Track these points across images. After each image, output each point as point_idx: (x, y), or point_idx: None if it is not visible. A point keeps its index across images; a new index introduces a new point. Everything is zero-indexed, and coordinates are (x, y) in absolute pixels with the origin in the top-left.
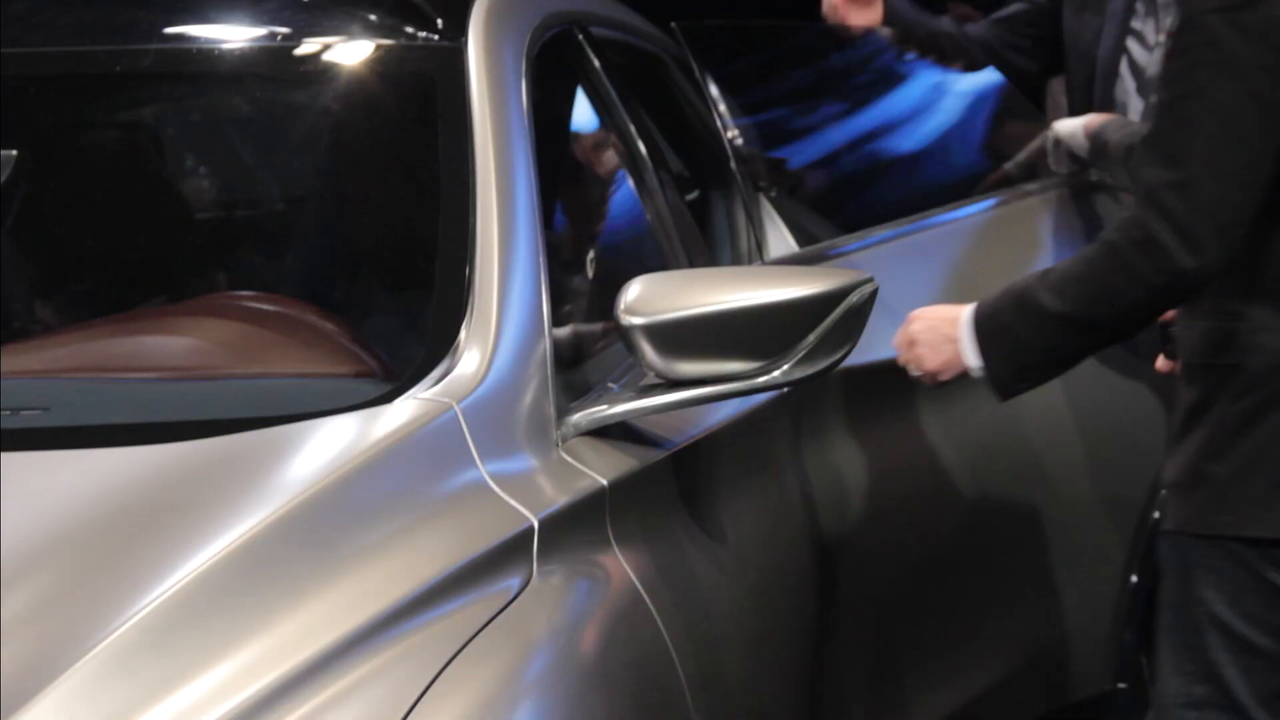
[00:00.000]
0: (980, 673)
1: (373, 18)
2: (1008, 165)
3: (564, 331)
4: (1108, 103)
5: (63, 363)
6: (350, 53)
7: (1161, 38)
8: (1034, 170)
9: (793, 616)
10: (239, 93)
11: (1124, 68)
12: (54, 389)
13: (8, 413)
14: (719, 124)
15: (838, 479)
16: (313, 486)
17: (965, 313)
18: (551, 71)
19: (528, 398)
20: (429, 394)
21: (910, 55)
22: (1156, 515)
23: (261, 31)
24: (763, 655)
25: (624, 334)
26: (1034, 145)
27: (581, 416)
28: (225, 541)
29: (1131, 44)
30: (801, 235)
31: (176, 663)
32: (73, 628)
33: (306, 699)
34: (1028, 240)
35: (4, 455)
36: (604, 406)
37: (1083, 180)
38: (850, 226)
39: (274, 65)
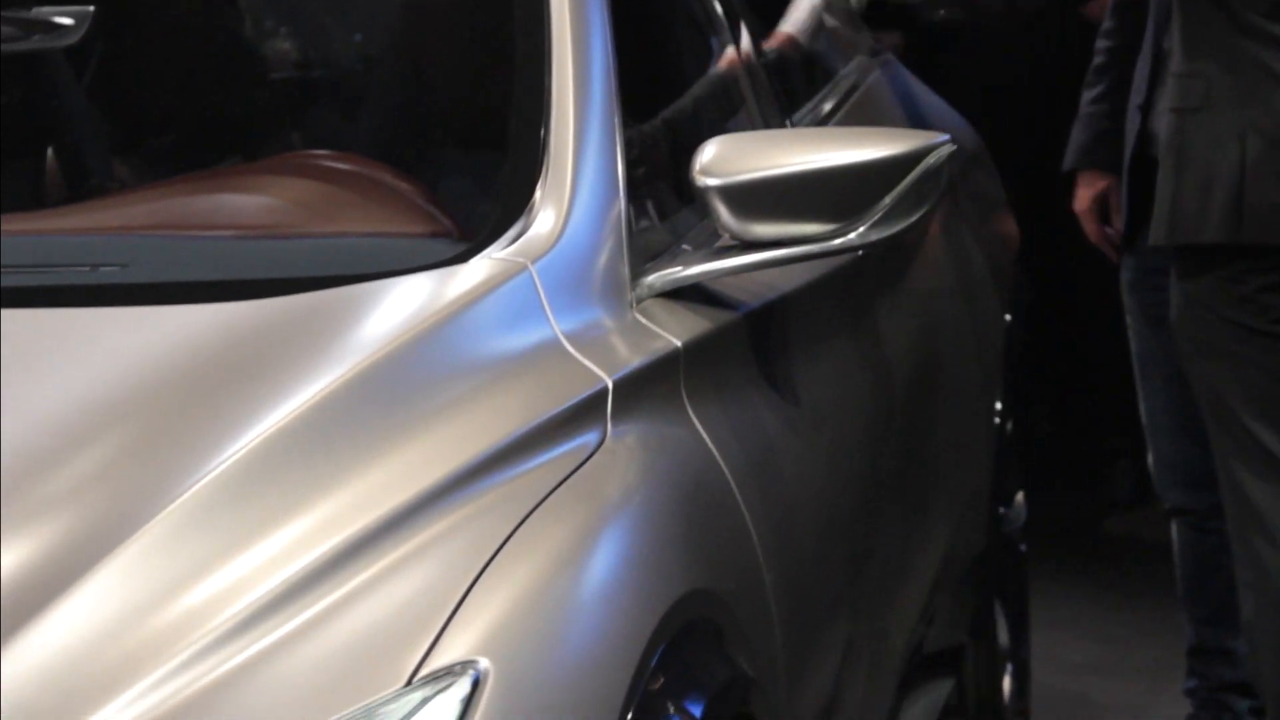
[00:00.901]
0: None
1: None
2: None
3: (639, 192)
4: None
5: (140, 220)
6: None
7: None
8: None
9: (863, 482)
10: None
11: None
12: (131, 245)
13: (86, 268)
14: None
15: (909, 345)
16: (387, 345)
17: None
18: None
19: (602, 258)
20: (504, 254)
21: None
22: None
23: None
24: (834, 520)
25: (699, 195)
26: None
27: (656, 278)
28: (301, 399)
29: None
30: None
31: (252, 519)
32: (148, 483)
33: (380, 556)
34: None
35: (82, 311)
36: (678, 268)
37: None
38: None
39: None
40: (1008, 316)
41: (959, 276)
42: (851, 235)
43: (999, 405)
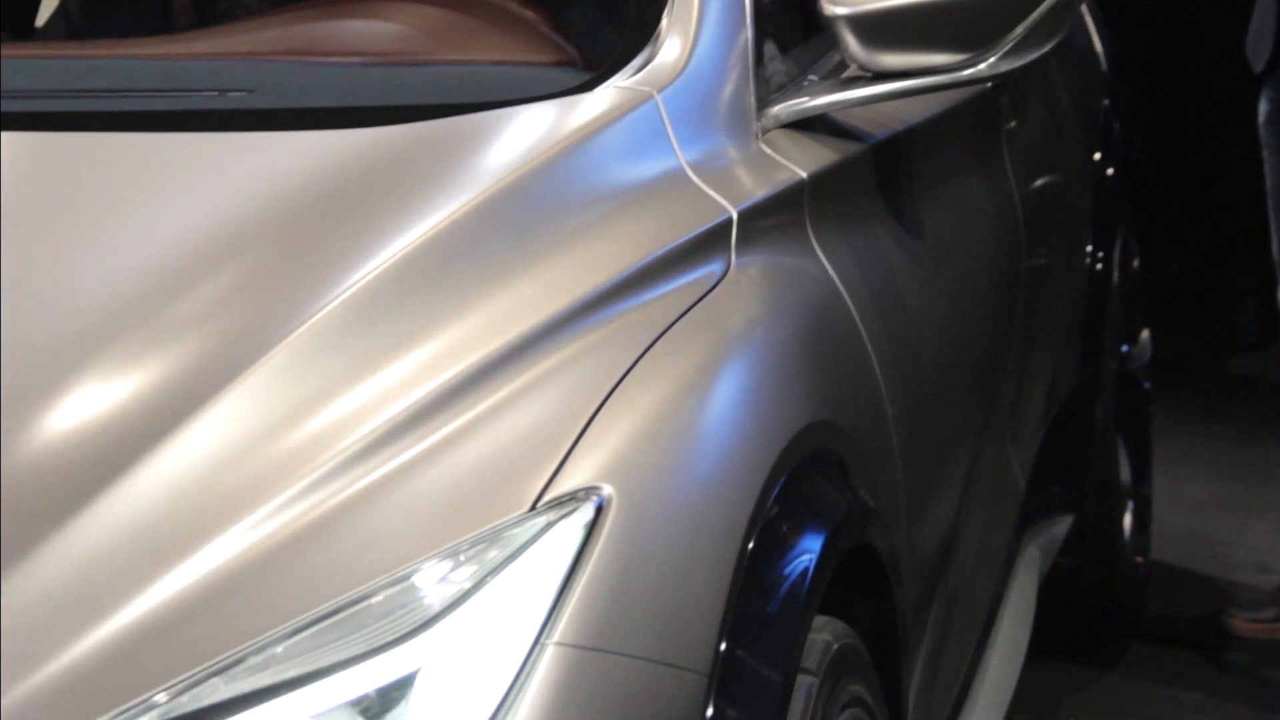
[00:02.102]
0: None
1: None
2: None
3: (765, 21)
4: None
5: (267, 45)
6: None
7: None
8: None
9: (985, 317)
10: None
11: None
12: (259, 71)
13: (214, 93)
14: None
15: (1031, 179)
16: (512, 173)
17: None
18: None
19: (728, 88)
20: (629, 82)
21: None
22: None
23: None
24: (956, 355)
25: (827, 24)
26: None
27: (782, 108)
28: (426, 226)
29: None
30: None
31: (379, 343)
32: (276, 307)
33: (505, 383)
34: None
35: (210, 135)
36: (805, 98)
37: None
38: None
39: None
40: (1129, 153)
41: (1077, 111)
42: (981, 66)
43: (1122, 242)
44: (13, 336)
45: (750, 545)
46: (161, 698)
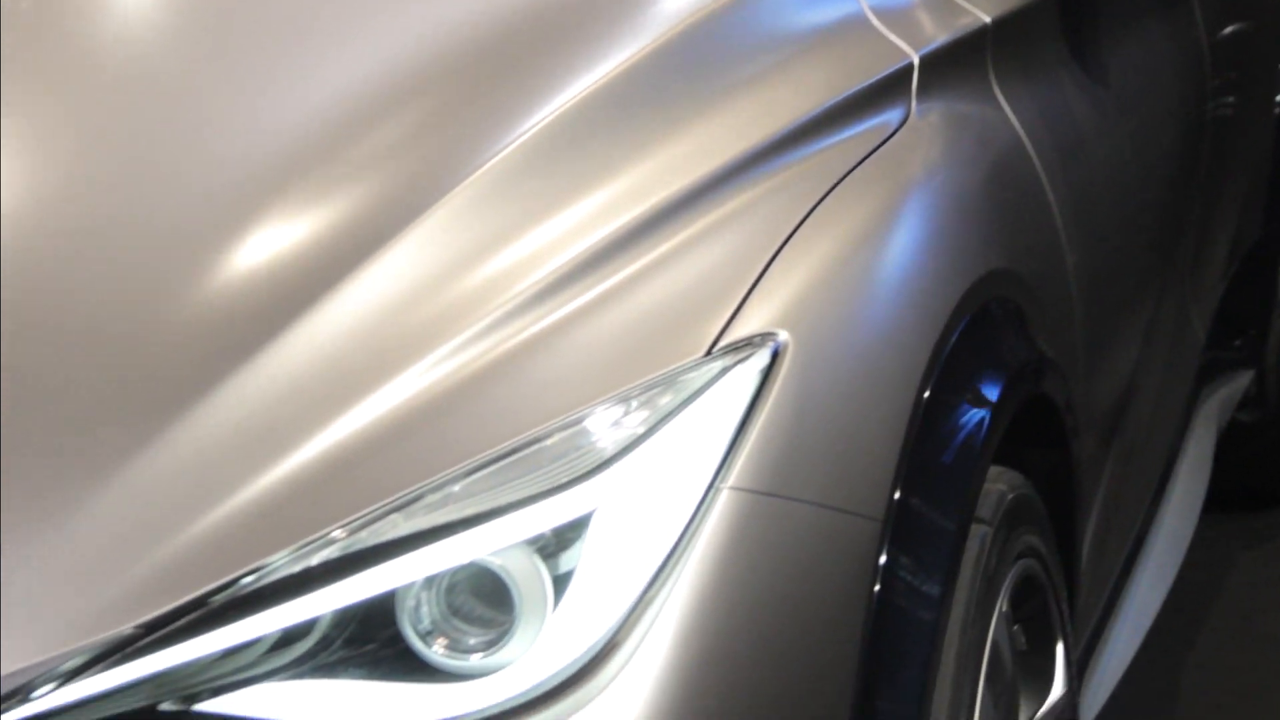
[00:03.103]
0: None
1: None
2: None
3: None
4: None
5: None
6: None
7: None
8: None
9: (1166, 168)
10: None
11: None
12: None
13: None
14: None
15: (1214, 31)
16: (691, 16)
17: None
18: None
19: None
20: None
21: None
22: None
23: None
24: (1137, 205)
25: None
26: None
27: None
28: (605, 69)
29: None
30: None
31: (557, 186)
32: (455, 149)
33: (682, 227)
34: None
35: None
36: None
37: None
38: None
39: None
40: None
41: None
42: None
43: None
44: (200, 173)
45: (926, 394)
46: (339, 534)
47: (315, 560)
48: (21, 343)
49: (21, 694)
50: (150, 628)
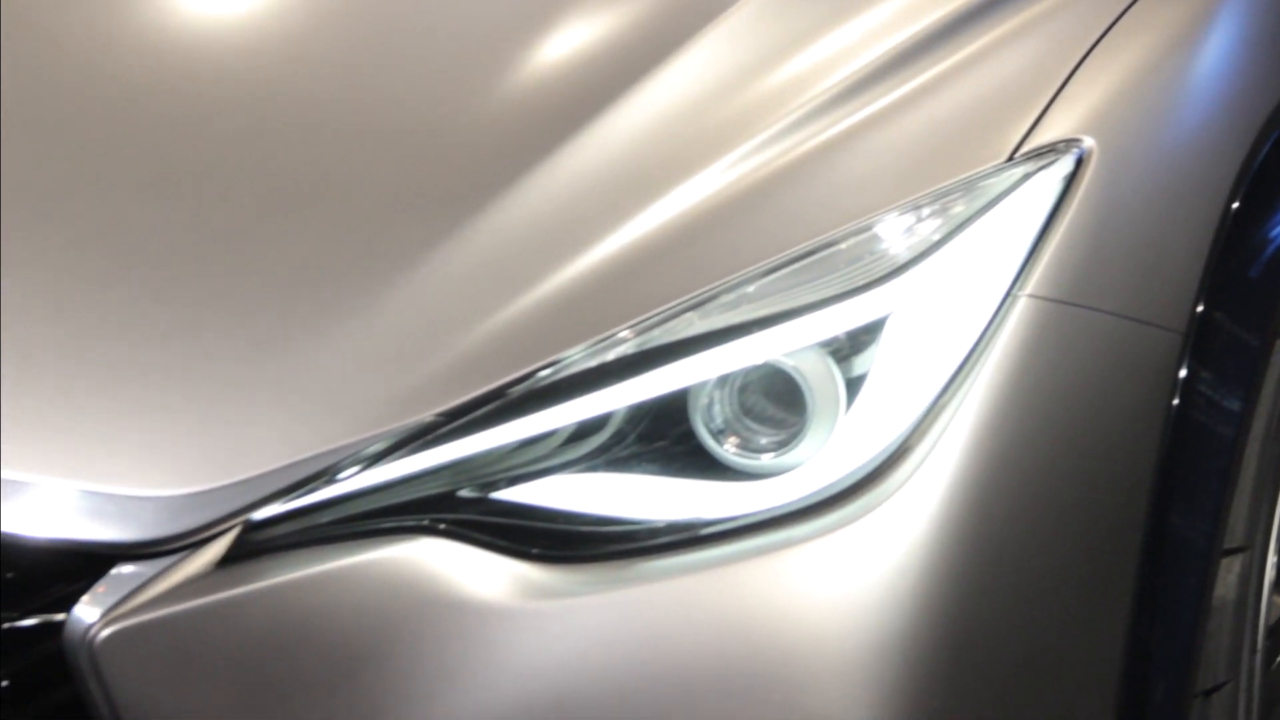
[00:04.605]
0: None
1: None
2: None
3: None
4: None
5: None
6: None
7: None
8: None
9: None
10: None
11: None
12: None
13: None
14: None
15: None
16: None
17: None
18: None
19: None
20: None
21: None
22: None
23: None
24: None
25: None
26: None
27: None
28: None
29: None
30: None
31: None
32: None
33: (986, 31)
34: None
35: None
36: None
37: None
38: None
39: None
40: None
41: None
42: None
43: None
44: None
45: (1234, 206)
46: (627, 334)
47: (611, 355)
48: (338, 143)
49: (328, 475)
50: (450, 416)
